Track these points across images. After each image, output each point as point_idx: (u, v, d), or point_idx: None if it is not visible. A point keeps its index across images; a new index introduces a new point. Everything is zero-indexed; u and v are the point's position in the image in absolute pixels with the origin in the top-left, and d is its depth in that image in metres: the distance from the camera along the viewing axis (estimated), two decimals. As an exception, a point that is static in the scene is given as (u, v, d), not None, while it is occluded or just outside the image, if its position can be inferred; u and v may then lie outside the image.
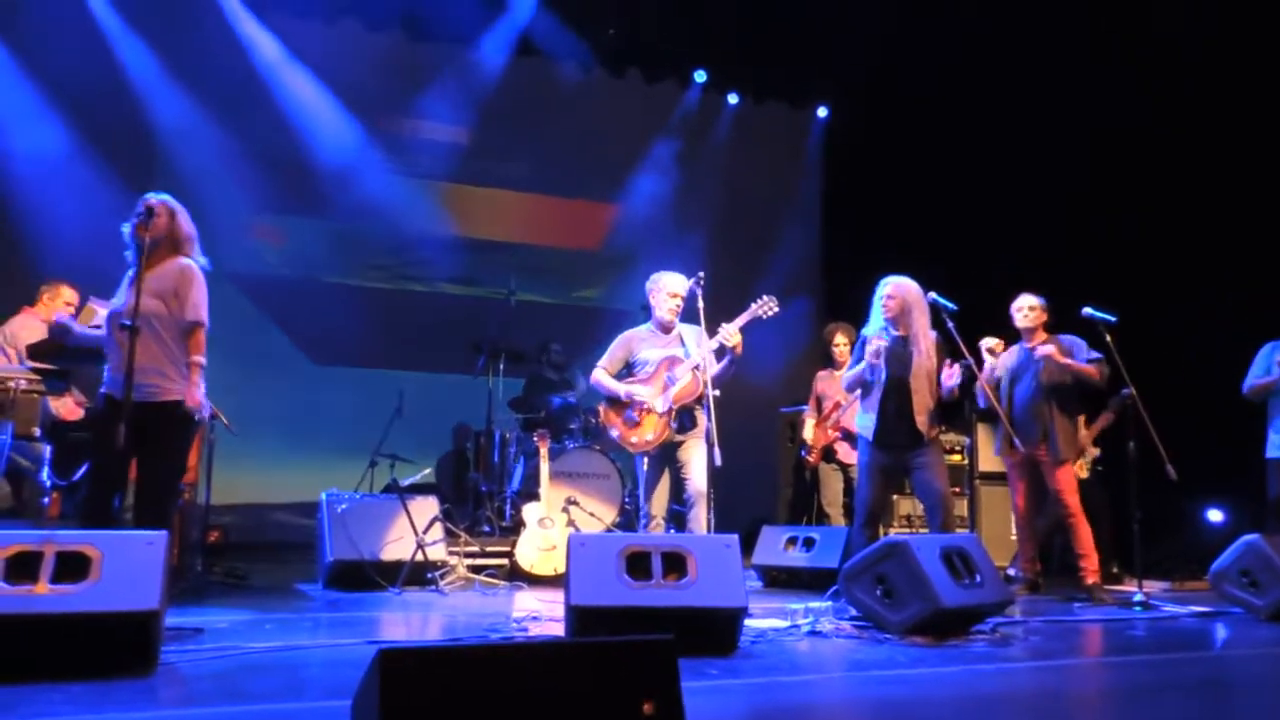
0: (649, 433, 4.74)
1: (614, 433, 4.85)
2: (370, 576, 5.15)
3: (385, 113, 8.71)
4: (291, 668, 3.06)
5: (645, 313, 5.04)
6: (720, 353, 4.67)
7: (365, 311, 8.64)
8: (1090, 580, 5.31)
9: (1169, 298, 6.93)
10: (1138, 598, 4.92)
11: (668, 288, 4.86)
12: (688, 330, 4.85)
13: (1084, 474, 6.38)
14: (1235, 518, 6.73)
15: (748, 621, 3.77)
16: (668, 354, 4.81)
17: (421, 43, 8.58)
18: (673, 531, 4.92)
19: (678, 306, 4.84)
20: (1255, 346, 5.87)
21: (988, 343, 5.51)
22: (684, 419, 4.72)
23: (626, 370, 4.93)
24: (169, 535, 3.05)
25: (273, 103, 8.25)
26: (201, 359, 3.88)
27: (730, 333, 4.62)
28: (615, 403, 4.85)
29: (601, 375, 4.90)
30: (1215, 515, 7.08)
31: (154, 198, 3.92)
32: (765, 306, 4.79)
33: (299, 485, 7.79)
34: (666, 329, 4.91)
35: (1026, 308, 5.53)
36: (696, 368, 4.66)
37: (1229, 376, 5.94)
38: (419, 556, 5.21)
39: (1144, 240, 7.20)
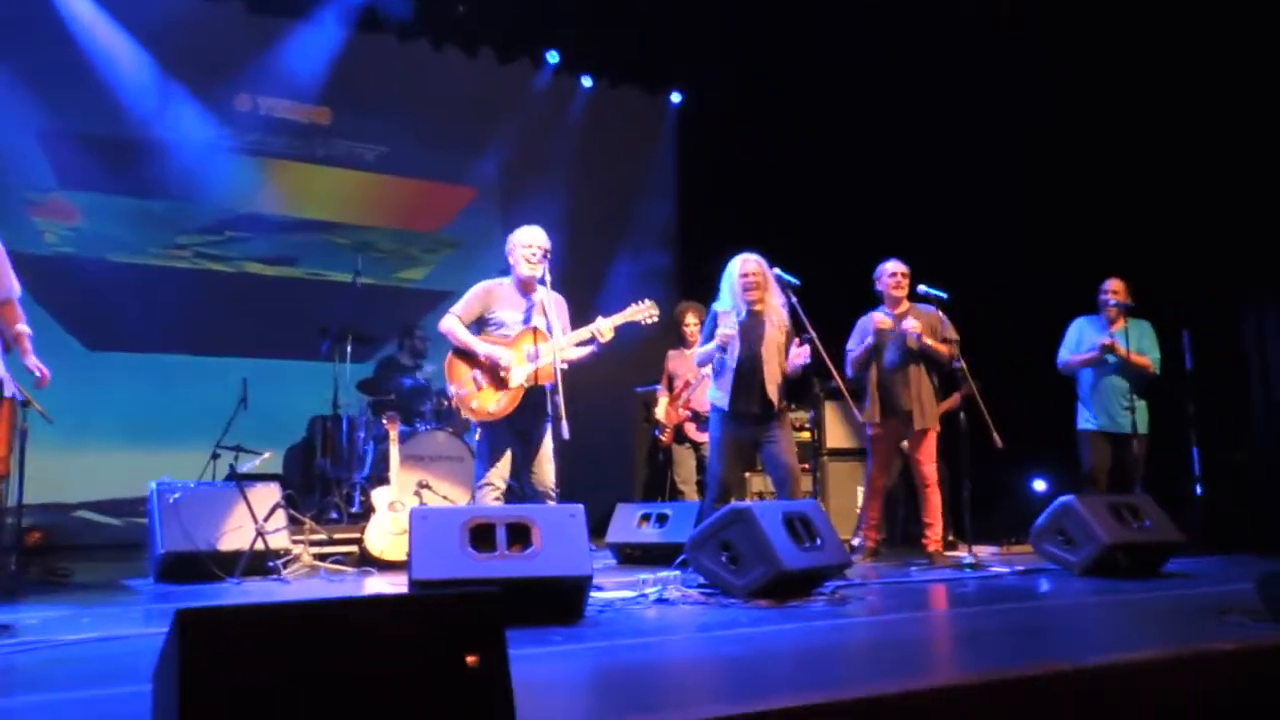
0: (492, 403, 4.48)
1: (452, 389, 4.54)
2: (207, 568, 4.90)
3: (220, 86, 8.20)
4: (105, 658, 2.87)
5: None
6: (588, 342, 4.59)
7: (200, 296, 8.17)
8: (932, 548, 5.56)
9: (995, 274, 7.29)
10: (968, 560, 5.20)
11: (523, 240, 4.61)
12: (548, 299, 4.57)
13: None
14: (1058, 486, 7.20)
15: (596, 594, 3.79)
16: (533, 323, 4.54)
17: (261, 15, 8.17)
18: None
19: (537, 258, 4.54)
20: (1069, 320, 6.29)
21: (880, 321, 5.57)
22: (537, 401, 4.48)
23: (478, 326, 4.64)
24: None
25: (86, 70, 7.62)
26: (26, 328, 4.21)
27: (604, 329, 4.55)
28: (465, 357, 4.55)
29: (455, 325, 4.57)
30: (1040, 485, 7.56)
31: None
32: (645, 312, 4.69)
33: (137, 482, 7.35)
34: (529, 286, 4.63)
35: (900, 274, 5.67)
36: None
37: (1052, 351, 6.34)
38: (259, 545, 4.99)
39: (974, 218, 7.61)
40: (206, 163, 8.20)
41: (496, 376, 4.51)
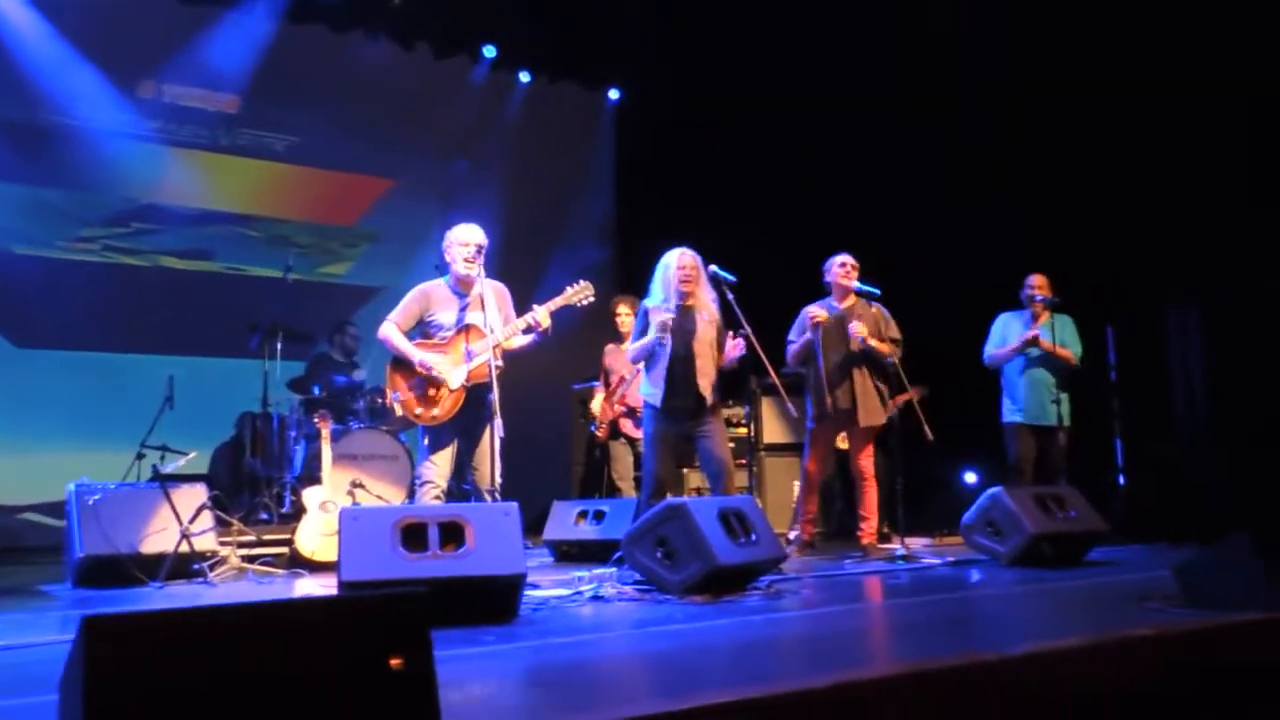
0: (437, 408, 4.47)
1: (396, 396, 4.52)
2: (129, 571, 4.73)
3: (134, 70, 7.85)
4: (14, 666, 2.76)
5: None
6: (527, 330, 4.56)
7: (115, 290, 7.86)
8: (866, 541, 5.60)
9: (920, 269, 7.40)
10: (900, 552, 5.28)
11: (459, 238, 4.57)
12: (487, 290, 4.50)
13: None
14: (989, 479, 7.34)
15: (531, 592, 3.76)
16: (467, 321, 4.53)
17: (192, 4, 7.92)
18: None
19: (474, 255, 4.51)
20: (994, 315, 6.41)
21: (814, 315, 5.54)
22: (480, 397, 4.44)
23: (419, 330, 4.62)
24: None
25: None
26: None
27: (542, 316, 4.52)
28: (403, 366, 4.53)
29: (393, 331, 4.55)
30: (971, 478, 7.71)
31: None
32: (581, 294, 4.66)
33: (55, 484, 7.08)
34: (466, 285, 4.59)
35: (850, 265, 5.65)
36: (498, 345, 4.45)
37: (977, 346, 6.46)
38: (184, 547, 4.84)
39: (901, 214, 7.73)
40: (107, 151, 7.83)
41: (434, 383, 4.49)
